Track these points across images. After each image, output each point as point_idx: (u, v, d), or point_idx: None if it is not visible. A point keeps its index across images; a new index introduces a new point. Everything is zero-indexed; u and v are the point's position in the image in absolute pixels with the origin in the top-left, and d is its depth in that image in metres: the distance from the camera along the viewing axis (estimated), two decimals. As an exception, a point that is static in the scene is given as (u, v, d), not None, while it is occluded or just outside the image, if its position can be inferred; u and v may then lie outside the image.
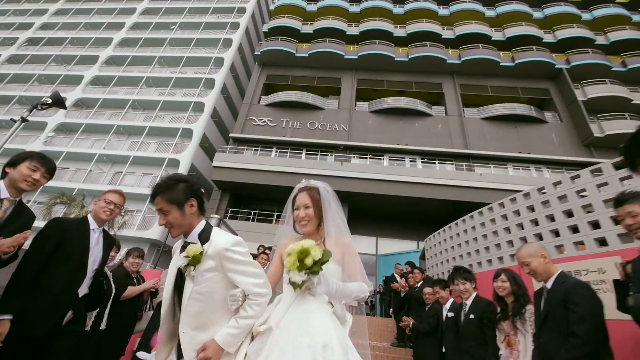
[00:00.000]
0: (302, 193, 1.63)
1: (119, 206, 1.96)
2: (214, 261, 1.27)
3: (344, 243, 1.51)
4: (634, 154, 1.14)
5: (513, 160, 14.39)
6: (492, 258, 3.86)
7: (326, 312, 1.31)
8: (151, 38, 23.44)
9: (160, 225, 1.37)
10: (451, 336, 2.84)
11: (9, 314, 1.47)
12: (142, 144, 18.12)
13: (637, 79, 16.12)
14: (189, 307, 1.24)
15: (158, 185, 1.35)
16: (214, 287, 1.27)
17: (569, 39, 17.43)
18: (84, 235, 1.79)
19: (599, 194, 2.95)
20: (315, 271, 1.23)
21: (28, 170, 1.60)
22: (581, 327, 1.60)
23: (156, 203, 1.33)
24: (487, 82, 17.13)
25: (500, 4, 19.40)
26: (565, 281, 1.76)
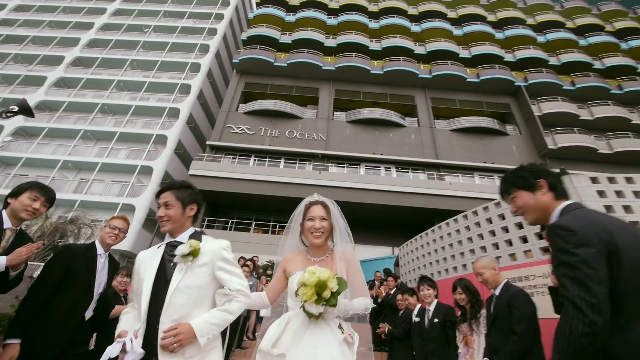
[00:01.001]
0: (318, 206, 1.64)
1: (123, 231, 2.09)
2: (207, 257, 1.35)
3: (348, 259, 1.56)
4: (511, 184, 1.36)
5: (479, 169, 15.43)
6: (458, 265, 4.26)
7: (336, 342, 1.33)
8: (123, 40, 22.62)
9: (158, 216, 1.43)
10: (419, 339, 3.15)
11: (17, 338, 1.56)
12: (111, 150, 17.35)
13: (583, 97, 17.96)
14: (173, 298, 1.26)
15: (168, 185, 1.48)
16: (201, 281, 1.32)
17: (527, 59, 19.11)
18: (91, 260, 1.91)
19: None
20: (333, 304, 1.26)
21: (29, 200, 1.68)
22: (519, 327, 1.95)
23: (164, 196, 1.43)
24: (455, 96, 18.28)
25: (466, 24, 20.89)
26: (509, 289, 2.13)
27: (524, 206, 1.31)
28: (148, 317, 1.27)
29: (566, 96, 17.80)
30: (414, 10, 21.89)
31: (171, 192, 1.43)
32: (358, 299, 1.48)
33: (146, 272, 1.36)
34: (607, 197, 3.00)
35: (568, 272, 1.01)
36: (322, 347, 1.27)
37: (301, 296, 1.29)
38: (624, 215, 2.90)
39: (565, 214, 1.16)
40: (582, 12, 22.32)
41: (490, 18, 21.48)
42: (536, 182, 1.27)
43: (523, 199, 1.30)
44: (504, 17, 21.34)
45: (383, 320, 4.60)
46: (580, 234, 1.03)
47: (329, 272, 1.31)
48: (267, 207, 14.41)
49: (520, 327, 1.94)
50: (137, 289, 1.36)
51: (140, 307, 1.29)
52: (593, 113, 17.02)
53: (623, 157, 15.61)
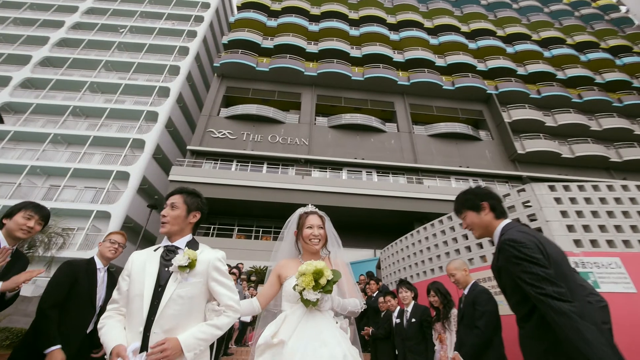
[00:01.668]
0: (315, 215, 1.77)
1: (122, 245, 2.17)
2: (202, 267, 1.36)
3: (339, 264, 1.68)
4: (461, 205, 1.63)
5: (455, 173, 16.15)
6: (435, 268, 4.54)
7: (335, 327, 1.46)
8: (96, 40, 21.78)
9: (162, 214, 1.45)
10: (399, 338, 3.37)
11: (58, 344, 1.72)
12: (84, 154, 16.60)
13: (548, 105, 19.28)
14: (167, 308, 1.25)
15: (180, 189, 1.53)
16: (195, 292, 1.32)
17: (497, 69, 20.26)
18: (92, 275, 1.96)
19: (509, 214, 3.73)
20: (329, 290, 1.38)
21: (23, 219, 1.71)
22: (480, 322, 2.21)
23: (172, 198, 1.48)
24: (432, 103, 19.04)
25: (441, 33, 21.86)
26: (475, 288, 2.38)
27: (471, 224, 1.57)
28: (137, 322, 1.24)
29: (533, 104, 19.03)
30: (392, 19, 22.63)
31: (180, 195, 1.48)
32: (350, 298, 1.60)
33: (145, 277, 1.31)
34: (562, 203, 3.36)
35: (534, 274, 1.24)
36: (326, 332, 1.37)
37: (300, 285, 1.39)
38: (576, 220, 3.25)
39: (507, 231, 1.41)
40: (546, 25, 23.97)
41: (463, 29, 22.61)
42: (480, 204, 1.53)
43: (470, 218, 1.56)
44: (476, 28, 22.54)
45: (366, 322, 4.80)
46: (529, 245, 1.31)
47: (324, 263, 1.43)
48: (249, 213, 14.33)
49: (482, 322, 2.20)
50: (131, 292, 1.30)
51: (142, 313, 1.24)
52: (557, 120, 18.30)
53: (583, 161, 16.89)
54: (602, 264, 2.91)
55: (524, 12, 25.04)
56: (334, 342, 1.33)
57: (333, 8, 21.80)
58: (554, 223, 3.20)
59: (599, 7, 27.00)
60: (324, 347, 1.30)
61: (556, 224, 3.20)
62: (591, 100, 19.29)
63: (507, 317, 2.31)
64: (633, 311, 2.68)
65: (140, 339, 1.21)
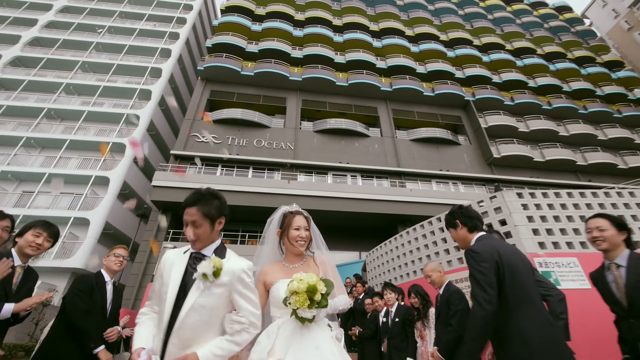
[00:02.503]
0: (301, 216, 1.71)
1: (126, 258, 2.31)
2: (227, 277, 1.30)
3: (323, 261, 1.67)
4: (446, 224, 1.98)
5: (436, 176, 16.76)
6: (417, 270, 4.83)
7: (330, 338, 1.42)
8: (72, 40, 21.04)
9: (186, 234, 1.35)
10: (385, 337, 3.60)
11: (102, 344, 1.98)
12: (60, 159, 15.98)
13: (521, 112, 20.41)
14: (187, 317, 1.24)
15: (195, 197, 1.35)
16: (218, 303, 1.29)
17: (474, 76, 21.24)
18: (102, 287, 2.09)
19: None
20: (324, 305, 1.33)
21: (32, 237, 1.80)
22: (453, 319, 2.49)
23: (190, 213, 1.32)
24: (414, 108, 19.68)
25: (422, 42, 22.67)
26: (449, 288, 2.66)
27: (454, 239, 1.92)
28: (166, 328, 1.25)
29: (507, 110, 20.08)
30: (375, 26, 23.24)
31: (197, 208, 1.32)
32: (339, 296, 1.59)
33: (170, 279, 1.31)
34: (529, 209, 3.72)
35: (474, 279, 1.61)
36: (324, 346, 1.35)
37: (294, 304, 1.34)
38: (541, 224, 3.62)
39: (477, 242, 1.71)
40: (518, 36, 25.36)
41: (442, 38, 23.54)
42: (455, 221, 1.87)
43: (453, 234, 1.93)
44: (455, 37, 23.52)
45: (352, 323, 5.02)
46: (482, 254, 1.64)
47: (316, 276, 1.37)
48: (235, 217, 14.25)
49: (455, 320, 2.47)
50: (161, 293, 1.31)
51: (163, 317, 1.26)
52: (529, 126, 19.40)
53: (553, 164, 18.00)
54: (562, 263, 3.27)
55: (498, 23, 26.38)
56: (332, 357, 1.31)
57: (317, 14, 22.13)
58: (522, 227, 3.55)
59: (566, 19, 28.88)
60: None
61: (523, 228, 3.54)
62: (559, 108, 20.59)
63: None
64: (588, 305, 3.04)
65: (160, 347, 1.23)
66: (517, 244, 3.37)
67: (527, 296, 1.53)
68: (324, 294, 1.33)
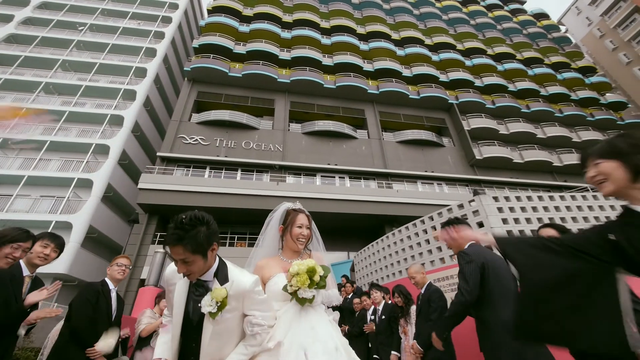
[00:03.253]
0: (303, 214, 1.80)
1: (128, 267, 2.41)
2: (236, 302, 1.31)
3: (320, 258, 1.75)
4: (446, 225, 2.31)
5: (421, 177, 17.24)
6: (402, 269, 5.07)
7: (327, 320, 1.51)
8: (51, 38, 20.35)
9: (180, 273, 1.30)
10: (372, 333, 3.83)
11: None
12: (40, 161, 15.48)
13: (501, 115, 21.24)
14: (209, 346, 1.28)
15: (177, 235, 1.21)
16: (232, 325, 1.33)
17: (457, 80, 21.92)
18: (107, 294, 2.20)
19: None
20: (323, 285, 1.43)
21: (40, 248, 1.90)
22: (433, 315, 2.77)
23: (177, 253, 1.22)
24: (400, 111, 20.14)
25: (407, 45, 23.19)
26: (430, 288, 2.92)
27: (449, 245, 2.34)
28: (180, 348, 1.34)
29: (489, 113, 20.85)
30: (362, 29, 23.59)
31: (183, 247, 1.21)
32: (332, 290, 1.70)
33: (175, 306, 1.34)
34: (504, 212, 4.02)
35: (462, 274, 2.02)
36: (319, 327, 1.43)
37: (295, 285, 1.42)
38: (514, 226, 3.92)
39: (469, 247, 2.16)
40: (499, 41, 26.33)
41: (427, 42, 24.15)
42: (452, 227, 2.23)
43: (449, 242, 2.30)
44: (439, 41, 24.19)
45: (341, 322, 5.22)
46: (471, 256, 2.06)
47: (314, 261, 1.48)
48: (224, 219, 14.23)
49: (435, 315, 2.77)
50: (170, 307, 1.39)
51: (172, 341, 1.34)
52: (509, 128, 20.21)
53: (531, 166, 18.84)
54: (533, 262, 3.58)
55: (480, 29, 27.28)
56: (327, 336, 1.40)
57: (305, 16, 22.27)
58: (497, 229, 3.84)
59: (543, 26, 30.16)
60: (317, 342, 1.35)
61: (498, 229, 3.84)
62: (537, 111, 21.56)
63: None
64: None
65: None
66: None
67: (508, 292, 1.92)
68: (322, 276, 1.43)
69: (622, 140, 1.12)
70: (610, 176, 1.11)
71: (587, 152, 1.22)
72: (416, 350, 2.66)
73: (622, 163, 1.09)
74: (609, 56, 31.57)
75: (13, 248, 1.61)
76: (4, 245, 1.59)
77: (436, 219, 4.71)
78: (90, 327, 2.09)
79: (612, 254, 1.06)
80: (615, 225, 1.11)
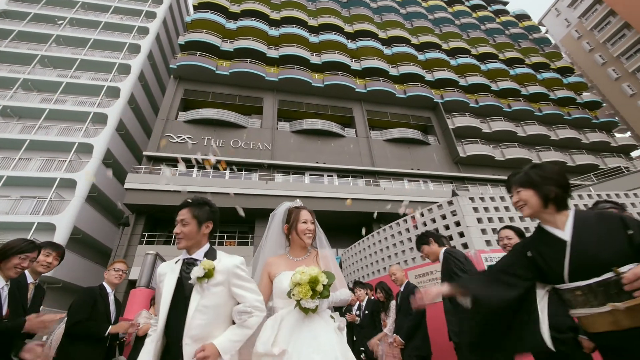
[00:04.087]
0: (305, 210, 1.81)
1: (124, 271, 2.62)
2: (222, 276, 1.41)
3: (326, 256, 1.75)
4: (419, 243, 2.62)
5: (407, 175, 17.65)
6: (386, 266, 5.35)
7: (331, 329, 1.47)
8: (29, 32, 19.61)
9: (175, 232, 1.50)
10: (358, 327, 4.08)
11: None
12: (19, 160, 15.01)
13: (484, 114, 21.90)
14: (194, 320, 1.33)
15: (187, 201, 1.53)
16: (219, 300, 1.40)
17: (443, 79, 22.43)
18: (105, 297, 2.38)
19: (435, 223, 4.64)
20: (326, 295, 1.39)
21: (43, 257, 2.04)
22: (412, 310, 2.96)
23: (181, 213, 1.49)
24: (387, 109, 20.48)
25: (394, 44, 23.51)
26: (408, 286, 3.18)
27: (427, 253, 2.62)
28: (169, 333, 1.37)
29: (472, 112, 21.46)
30: (349, 28, 23.74)
31: (188, 209, 1.50)
32: (340, 290, 1.67)
33: (164, 287, 1.42)
34: (478, 212, 4.32)
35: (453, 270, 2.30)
36: (321, 336, 1.41)
37: (297, 295, 1.40)
38: (489, 225, 4.23)
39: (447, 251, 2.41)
40: (483, 41, 27.01)
41: (413, 41, 24.55)
42: (428, 239, 2.57)
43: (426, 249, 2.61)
44: (425, 41, 24.62)
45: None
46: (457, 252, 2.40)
47: (317, 269, 1.44)
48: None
49: (414, 310, 2.95)
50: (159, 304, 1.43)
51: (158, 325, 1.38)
52: (491, 127, 20.89)
53: (512, 163, 19.58)
54: (504, 258, 3.90)
55: (464, 28, 27.90)
56: (328, 347, 1.38)
57: (293, 14, 22.22)
58: (472, 228, 4.14)
59: (525, 27, 31.09)
60: (317, 353, 1.34)
61: (473, 228, 4.13)
62: (518, 110, 22.34)
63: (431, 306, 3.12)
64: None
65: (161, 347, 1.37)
66: (468, 242, 3.94)
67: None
68: (325, 285, 1.40)
69: (535, 172, 1.39)
70: (527, 202, 1.36)
71: (510, 180, 1.49)
72: (398, 343, 2.94)
73: (536, 192, 1.35)
74: (585, 57, 32.91)
75: (21, 259, 1.72)
76: (12, 256, 1.70)
77: (417, 219, 4.99)
78: (86, 327, 2.20)
79: (532, 269, 1.33)
80: (530, 241, 1.39)
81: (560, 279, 1.27)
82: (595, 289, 1.18)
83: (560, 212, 1.34)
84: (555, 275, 1.28)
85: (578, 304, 1.25)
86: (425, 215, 4.95)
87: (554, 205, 1.34)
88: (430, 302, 1.55)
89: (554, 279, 1.30)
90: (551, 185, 1.35)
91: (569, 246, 1.25)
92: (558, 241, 1.28)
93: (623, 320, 1.13)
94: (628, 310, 1.11)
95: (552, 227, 1.33)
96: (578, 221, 1.30)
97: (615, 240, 1.20)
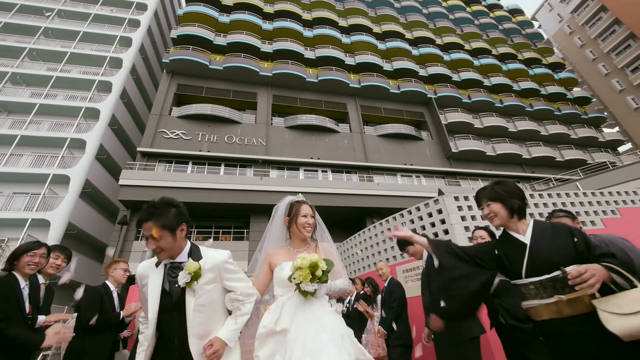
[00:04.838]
0: (307, 205, 1.90)
1: (128, 270, 2.81)
2: (212, 274, 1.43)
3: (326, 248, 1.82)
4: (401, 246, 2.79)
5: (400, 170, 17.94)
6: (377, 261, 5.60)
7: (331, 311, 1.57)
8: (16, 24, 19.17)
9: (149, 248, 1.41)
10: (347, 320, 4.35)
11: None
12: (10, 156, 14.88)
13: (477, 109, 22.19)
14: (194, 319, 1.36)
15: (148, 211, 1.39)
16: (213, 297, 1.43)
17: (436, 75, 22.60)
18: (110, 295, 2.60)
19: (422, 221, 4.88)
20: (325, 280, 1.48)
21: (52, 259, 2.22)
22: (394, 303, 3.32)
23: (147, 228, 1.36)
24: (381, 105, 20.62)
25: (388, 39, 23.52)
26: (392, 282, 3.47)
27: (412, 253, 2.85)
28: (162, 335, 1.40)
29: (465, 108, 21.74)
30: (344, 22, 23.65)
31: (153, 222, 1.37)
32: (338, 280, 1.76)
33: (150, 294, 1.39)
34: (462, 210, 4.55)
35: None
36: (324, 317, 1.51)
37: (297, 278, 1.48)
38: (471, 223, 4.47)
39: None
40: (476, 36, 27.16)
41: (407, 36, 24.58)
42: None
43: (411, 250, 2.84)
44: (419, 36, 24.68)
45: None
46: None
47: (317, 255, 1.54)
48: (208, 214, 14.36)
49: (395, 303, 3.34)
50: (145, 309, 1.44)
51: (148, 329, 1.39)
52: (483, 122, 21.21)
53: (502, 158, 20.00)
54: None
55: (458, 23, 27.98)
56: (333, 326, 1.48)
57: (286, 7, 22.03)
58: (456, 225, 4.37)
59: (518, 22, 31.29)
60: (323, 332, 1.41)
61: (457, 226, 4.37)
62: (510, 105, 22.68)
63: (412, 299, 3.36)
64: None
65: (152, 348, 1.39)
66: (452, 239, 4.18)
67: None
68: (324, 271, 1.49)
69: (501, 188, 1.67)
70: (497, 214, 1.64)
71: (480, 195, 1.75)
72: (382, 334, 3.22)
73: (503, 205, 1.62)
74: (577, 52, 33.32)
75: (30, 256, 1.92)
76: (22, 256, 1.92)
77: (407, 216, 5.22)
78: (102, 319, 2.43)
79: (496, 263, 1.64)
80: (498, 243, 1.69)
81: (518, 274, 1.54)
82: (546, 283, 1.46)
83: (521, 221, 1.64)
84: (515, 272, 1.56)
85: (531, 296, 1.53)
86: (413, 213, 5.18)
87: (517, 215, 1.63)
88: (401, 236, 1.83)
89: (513, 274, 1.57)
90: (515, 198, 1.64)
91: (528, 249, 1.53)
92: (520, 244, 1.57)
93: (565, 310, 1.41)
94: (569, 301, 1.39)
95: (515, 232, 1.62)
96: (536, 229, 1.58)
97: (564, 246, 1.50)
